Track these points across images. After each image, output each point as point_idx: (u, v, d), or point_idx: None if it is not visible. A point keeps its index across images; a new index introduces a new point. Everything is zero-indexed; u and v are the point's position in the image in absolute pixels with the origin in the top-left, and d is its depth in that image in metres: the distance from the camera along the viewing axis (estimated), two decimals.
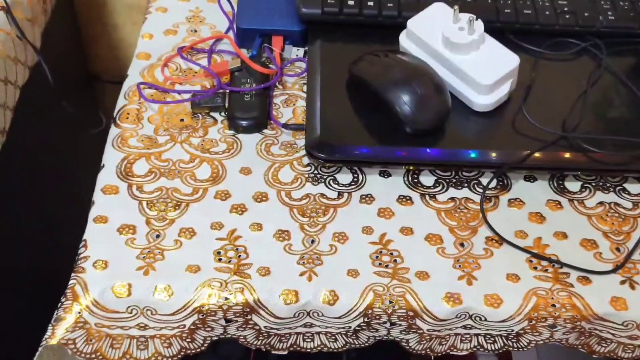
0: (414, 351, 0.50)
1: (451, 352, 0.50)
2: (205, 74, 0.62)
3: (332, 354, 0.51)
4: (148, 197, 0.53)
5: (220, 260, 0.50)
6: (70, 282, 0.48)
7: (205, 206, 0.53)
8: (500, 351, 0.50)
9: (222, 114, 0.60)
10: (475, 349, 0.50)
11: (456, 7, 0.57)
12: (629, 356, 0.51)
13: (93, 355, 0.48)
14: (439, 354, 0.51)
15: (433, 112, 0.55)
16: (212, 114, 0.60)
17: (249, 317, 0.48)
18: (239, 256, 0.50)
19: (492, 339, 0.50)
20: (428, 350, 0.50)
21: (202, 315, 0.48)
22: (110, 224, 0.51)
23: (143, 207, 0.53)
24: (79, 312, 0.47)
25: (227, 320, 0.49)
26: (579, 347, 0.51)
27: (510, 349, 0.50)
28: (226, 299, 0.48)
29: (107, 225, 0.51)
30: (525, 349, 0.50)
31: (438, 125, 0.55)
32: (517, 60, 0.56)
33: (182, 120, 0.59)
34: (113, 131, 0.58)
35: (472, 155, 0.55)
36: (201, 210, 0.53)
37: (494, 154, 0.55)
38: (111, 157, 0.56)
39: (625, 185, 0.56)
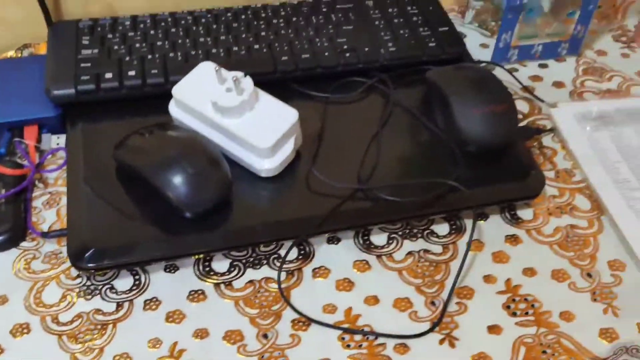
0: None
1: None
2: None
3: None
4: None
5: None
6: None
7: None
8: None
9: None
10: None
11: (217, 66, 0.51)
12: None
13: None
14: None
15: (210, 190, 0.48)
16: None
17: None
18: None
19: None
20: None
21: None
22: None
23: None
24: None
25: None
26: None
27: None
28: None
29: None
30: None
31: (220, 202, 0.49)
32: (296, 114, 0.51)
33: None
34: None
35: (263, 227, 0.49)
36: None
37: (288, 222, 0.49)
38: None
39: (432, 227, 0.52)
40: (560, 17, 0.65)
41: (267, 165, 0.51)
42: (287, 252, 0.49)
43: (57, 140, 0.57)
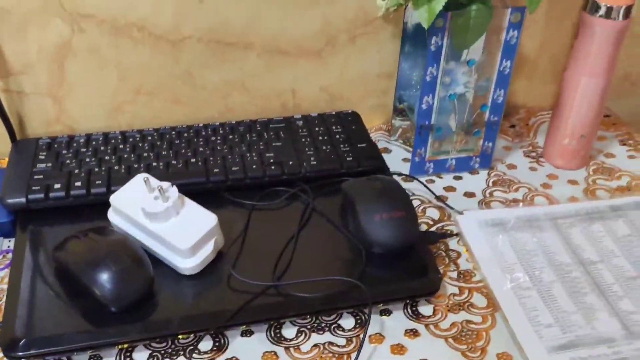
0: None
1: None
2: None
3: None
4: None
5: None
6: None
7: None
8: None
9: None
10: None
11: (146, 176, 0.59)
12: None
13: None
14: None
15: (132, 286, 0.54)
16: None
17: None
18: None
19: None
20: None
21: None
22: None
23: None
24: None
25: None
26: None
27: None
28: None
29: None
30: None
31: (141, 297, 0.54)
32: (215, 219, 0.58)
33: None
34: None
35: (181, 320, 0.54)
36: None
37: (204, 315, 0.55)
38: None
39: (340, 321, 0.57)
40: (469, 135, 0.73)
41: (187, 264, 0.57)
42: (198, 343, 0.54)
43: (9, 243, 0.63)
